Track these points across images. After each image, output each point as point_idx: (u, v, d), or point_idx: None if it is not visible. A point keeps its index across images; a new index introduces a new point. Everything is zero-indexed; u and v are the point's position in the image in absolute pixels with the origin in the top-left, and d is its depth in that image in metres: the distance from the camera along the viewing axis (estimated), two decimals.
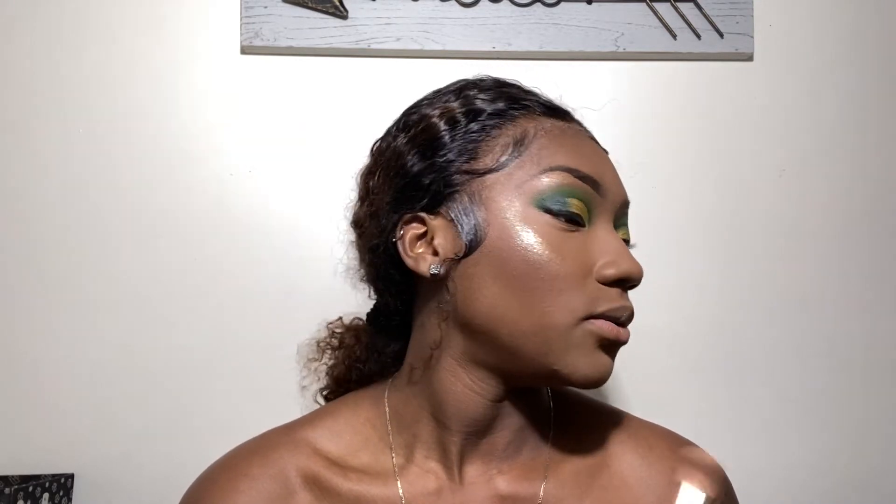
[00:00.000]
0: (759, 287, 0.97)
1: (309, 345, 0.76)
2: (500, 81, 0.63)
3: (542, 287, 0.55)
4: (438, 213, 0.58)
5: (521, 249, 0.55)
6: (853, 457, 0.96)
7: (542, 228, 0.56)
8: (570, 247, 0.56)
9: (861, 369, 0.97)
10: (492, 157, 0.58)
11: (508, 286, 0.55)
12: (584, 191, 0.57)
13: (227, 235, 0.94)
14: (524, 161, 0.57)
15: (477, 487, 0.60)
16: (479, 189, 0.57)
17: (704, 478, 0.62)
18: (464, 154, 0.58)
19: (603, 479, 0.61)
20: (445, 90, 0.63)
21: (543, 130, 0.59)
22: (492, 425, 0.60)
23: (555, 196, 0.56)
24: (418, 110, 0.63)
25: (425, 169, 0.59)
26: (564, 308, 0.55)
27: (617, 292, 0.57)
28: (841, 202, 0.99)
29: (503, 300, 0.56)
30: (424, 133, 0.60)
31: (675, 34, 0.97)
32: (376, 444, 0.62)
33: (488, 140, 0.58)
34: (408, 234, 0.59)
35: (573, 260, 0.55)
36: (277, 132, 0.96)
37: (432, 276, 0.58)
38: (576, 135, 0.60)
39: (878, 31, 1.01)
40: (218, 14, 0.96)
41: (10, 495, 0.78)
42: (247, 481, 0.59)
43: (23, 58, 0.94)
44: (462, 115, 0.59)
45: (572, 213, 0.56)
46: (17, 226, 0.93)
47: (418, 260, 0.59)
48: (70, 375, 0.91)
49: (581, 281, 0.55)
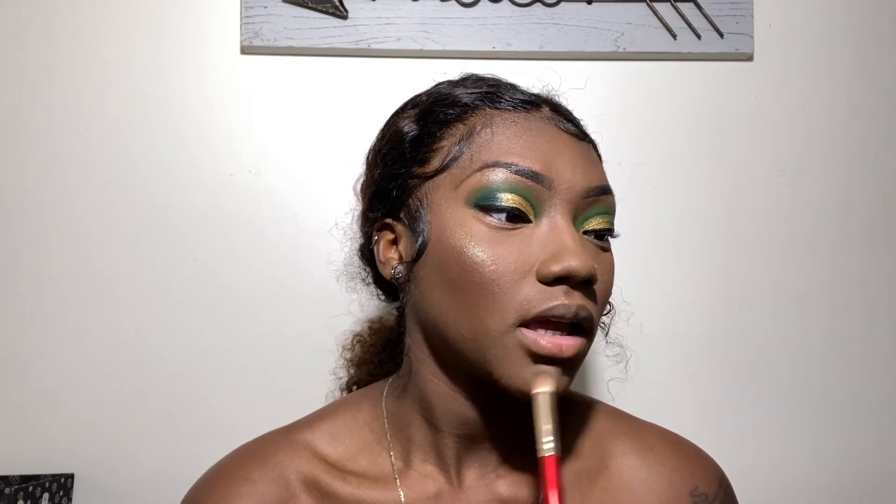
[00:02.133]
0: (759, 286, 0.97)
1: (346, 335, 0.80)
2: (476, 78, 0.62)
3: (475, 290, 0.53)
4: (399, 219, 0.59)
5: (455, 251, 0.54)
6: (852, 457, 0.96)
7: (473, 228, 0.53)
8: (506, 246, 0.53)
9: (860, 369, 0.97)
10: (439, 158, 0.57)
11: (448, 289, 0.54)
12: (523, 185, 0.53)
13: (228, 235, 0.94)
14: (464, 160, 0.55)
15: (476, 491, 0.59)
16: (427, 192, 0.57)
17: (704, 478, 0.62)
18: (416, 159, 0.58)
19: (603, 480, 0.61)
20: (419, 95, 0.63)
21: (490, 126, 0.56)
22: (486, 429, 0.59)
23: (487, 193, 0.53)
24: (393, 118, 0.64)
25: (387, 176, 0.60)
26: (497, 313, 0.52)
27: (561, 290, 0.52)
28: (841, 201, 0.99)
29: (446, 304, 0.55)
30: (390, 141, 0.61)
31: (675, 34, 0.96)
32: (374, 448, 0.62)
33: (438, 142, 0.57)
34: (382, 240, 0.61)
35: (509, 260, 0.53)
36: (277, 132, 0.96)
37: (394, 281, 0.59)
38: (528, 126, 0.56)
39: (877, 31, 1.00)
40: (218, 14, 0.96)
41: (10, 495, 0.78)
42: (247, 485, 0.59)
43: (22, 58, 0.94)
44: (420, 119, 0.59)
45: (507, 207, 0.53)
46: (17, 226, 0.93)
47: (385, 265, 0.60)
48: (70, 375, 0.91)
49: (516, 282, 0.52)
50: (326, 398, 0.87)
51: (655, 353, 0.95)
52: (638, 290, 0.94)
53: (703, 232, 0.97)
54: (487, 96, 0.58)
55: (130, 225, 0.93)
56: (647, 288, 0.96)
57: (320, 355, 0.90)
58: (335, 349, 0.88)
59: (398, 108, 0.65)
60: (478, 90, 0.59)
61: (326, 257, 0.88)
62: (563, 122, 0.59)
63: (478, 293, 0.53)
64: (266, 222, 0.94)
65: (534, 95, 0.61)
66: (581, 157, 0.57)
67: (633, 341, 0.94)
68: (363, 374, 0.77)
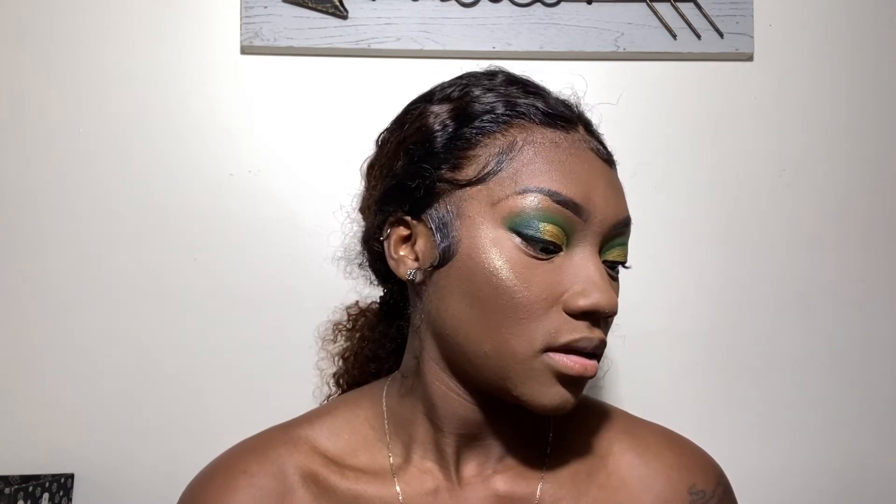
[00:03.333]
0: (759, 286, 0.97)
1: (326, 327, 0.76)
2: (507, 79, 0.60)
3: (503, 313, 0.53)
4: (421, 220, 0.57)
5: (487, 272, 0.53)
6: (851, 457, 0.96)
7: (509, 253, 0.53)
8: (538, 274, 0.53)
9: (859, 369, 0.97)
10: (474, 167, 0.55)
11: (473, 305, 0.54)
12: (562, 216, 0.53)
13: (227, 235, 0.94)
14: (504, 177, 0.54)
15: (474, 487, 0.60)
16: (459, 201, 0.55)
17: (702, 474, 0.62)
18: (448, 161, 0.56)
19: (601, 477, 0.61)
20: (449, 85, 0.61)
21: (533, 143, 0.55)
22: (487, 427, 0.60)
23: (528, 220, 0.53)
24: (419, 106, 0.61)
25: (412, 172, 0.57)
26: (524, 338, 0.53)
27: (585, 324, 0.54)
28: (841, 201, 0.99)
29: (468, 318, 0.54)
30: (416, 134, 0.59)
31: (675, 34, 0.97)
32: (374, 444, 0.62)
33: (474, 149, 0.56)
34: (394, 235, 0.59)
35: (540, 288, 0.53)
36: (277, 132, 0.96)
37: (409, 282, 0.58)
38: (569, 149, 0.56)
39: (877, 31, 1.00)
40: (218, 14, 0.96)
41: (10, 495, 0.78)
42: (245, 479, 0.59)
43: (22, 58, 0.95)
44: (454, 118, 0.57)
45: (545, 240, 0.53)
46: (18, 226, 0.93)
47: (399, 263, 0.58)
48: (70, 375, 0.91)
49: (545, 311, 0.53)
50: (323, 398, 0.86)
51: (655, 353, 0.95)
52: (638, 289, 0.94)
53: (703, 231, 0.97)
54: (528, 108, 0.57)
55: (130, 225, 0.93)
56: (647, 287, 0.96)
57: (321, 355, 0.89)
58: None
59: (423, 97, 0.62)
60: (516, 98, 0.58)
61: (328, 257, 0.88)
62: (596, 143, 0.59)
63: (505, 316, 0.53)
64: (266, 222, 0.94)
65: (569, 109, 0.60)
66: (612, 187, 0.57)
67: (633, 340, 0.94)
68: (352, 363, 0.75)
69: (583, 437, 0.63)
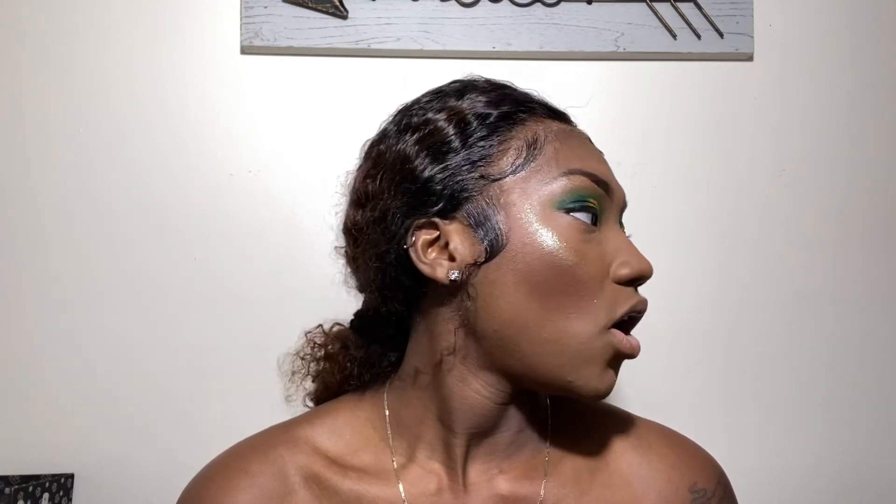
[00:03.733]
0: (759, 286, 0.97)
1: (290, 356, 0.71)
2: (496, 84, 0.62)
3: (565, 293, 0.54)
4: (454, 219, 0.57)
5: (546, 253, 0.54)
6: (851, 456, 0.96)
7: (564, 231, 0.55)
8: (590, 249, 0.55)
9: (859, 368, 0.97)
10: (506, 160, 0.57)
11: (532, 291, 0.54)
12: (598, 194, 0.57)
13: (227, 235, 0.94)
14: (541, 164, 0.56)
15: (478, 488, 0.59)
16: (497, 193, 0.56)
17: (703, 473, 0.62)
18: (477, 158, 0.57)
19: (603, 477, 0.61)
20: (446, 91, 0.62)
21: (553, 133, 0.58)
22: (495, 426, 0.60)
23: (578, 197, 0.56)
24: (420, 112, 0.61)
25: (438, 174, 0.57)
26: (587, 315, 0.55)
27: (632, 291, 0.57)
28: (841, 201, 0.99)
29: (525, 306, 0.54)
30: (433, 136, 0.58)
31: (675, 34, 0.97)
32: (377, 445, 0.62)
33: (501, 144, 0.57)
34: (419, 239, 0.57)
35: (594, 262, 0.55)
36: (277, 132, 0.96)
37: (451, 283, 0.56)
38: (579, 138, 0.60)
39: (877, 31, 1.01)
40: (218, 14, 0.96)
41: (10, 495, 0.78)
42: (246, 479, 0.59)
43: (22, 58, 0.95)
44: (472, 117, 0.58)
45: (594, 209, 0.56)
46: (17, 226, 0.93)
47: (434, 266, 0.57)
48: (70, 375, 0.91)
49: (600, 285, 0.55)
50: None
51: (655, 353, 0.95)
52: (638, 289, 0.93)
53: (703, 231, 0.98)
54: (533, 104, 0.60)
55: (130, 225, 0.93)
56: (647, 287, 0.95)
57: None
58: None
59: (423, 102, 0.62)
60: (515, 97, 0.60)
61: (327, 258, 0.88)
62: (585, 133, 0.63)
63: (567, 296, 0.54)
64: (266, 222, 0.94)
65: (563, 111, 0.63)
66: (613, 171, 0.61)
67: None
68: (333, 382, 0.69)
69: (586, 436, 0.63)
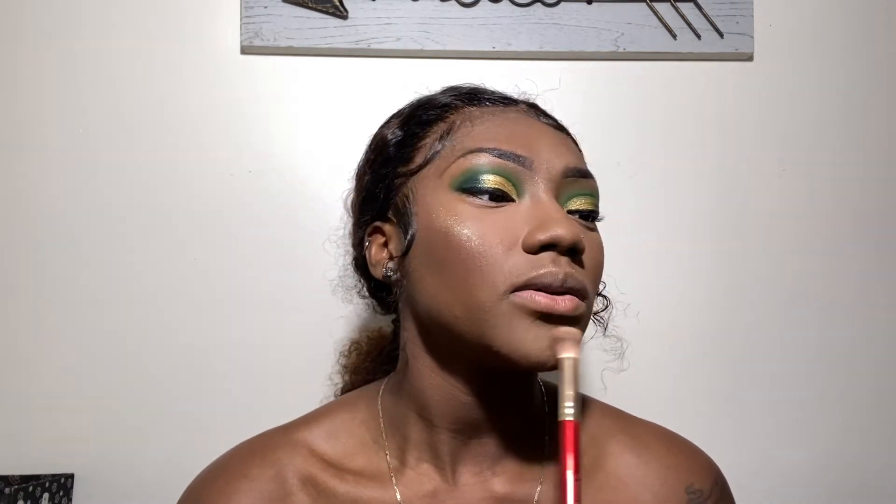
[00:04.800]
0: (760, 286, 0.97)
1: (344, 343, 0.82)
2: (453, 88, 0.64)
3: (464, 266, 0.54)
4: (388, 220, 0.61)
5: (442, 233, 0.55)
6: (853, 457, 0.96)
7: (459, 208, 0.55)
8: (491, 222, 0.54)
9: (862, 368, 0.97)
10: (421, 154, 0.59)
11: (438, 272, 0.55)
12: (505, 168, 0.56)
13: (227, 235, 0.94)
14: (446, 151, 0.58)
15: (472, 489, 0.60)
16: (413, 186, 0.59)
17: (699, 474, 0.63)
18: (401, 158, 0.61)
19: (599, 478, 0.61)
20: (402, 108, 0.66)
21: (469, 119, 0.59)
22: (482, 426, 0.60)
23: (471, 175, 0.56)
24: (378, 130, 0.66)
25: (375, 180, 0.62)
26: (486, 284, 0.53)
27: (549, 257, 0.53)
28: (842, 201, 0.99)
29: (437, 288, 0.56)
30: (375, 149, 0.64)
31: (675, 34, 0.97)
32: (371, 447, 0.62)
33: (421, 140, 0.60)
34: (373, 244, 0.62)
35: (493, 232, 0.54)
36: (277, 132, 0.96)
37: (385, 279, 0.60)
38: (506, 117, 0.59)
39: (877, 31, 1.00)
40: (218, 14, 0.96)
41: (10, 495, 0.78)
42: (245, 482, 0.60)
43: (21, 58, 0.94)
44: (403, 124, 0.62)
45: (489, 189, 0.55)
46: (17, 226, 0.93)
47: (377, 266, 0.61)
48: (70, 375, 0.91)
49: (504, 254, 0.54)
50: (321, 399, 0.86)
51: (655, 353, 0.95)
52: (638, 288, 0.94)
53: (703, 231, 0.97)
54: (466, 96, 0.62)
55: (130, 225, 0.93)
56: (647, 286, 0.96)
57: (320, 355, 0.90)
58: (333, 350, 0.88)
59: (383, 122, 0.67)
60: (456, 93, 0.63)
61: (328, 259, 0.88)
62: (541, 115, 0.62)
63: (466, 269, 0.54)
64: (266, 222, 0.94)
65: (509, 97, 0.64)
66: (560, 142, 0.59)
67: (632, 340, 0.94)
68: (358, 380, 0.77)
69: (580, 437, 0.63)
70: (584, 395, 0.68)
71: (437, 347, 0.59)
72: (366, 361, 0.79)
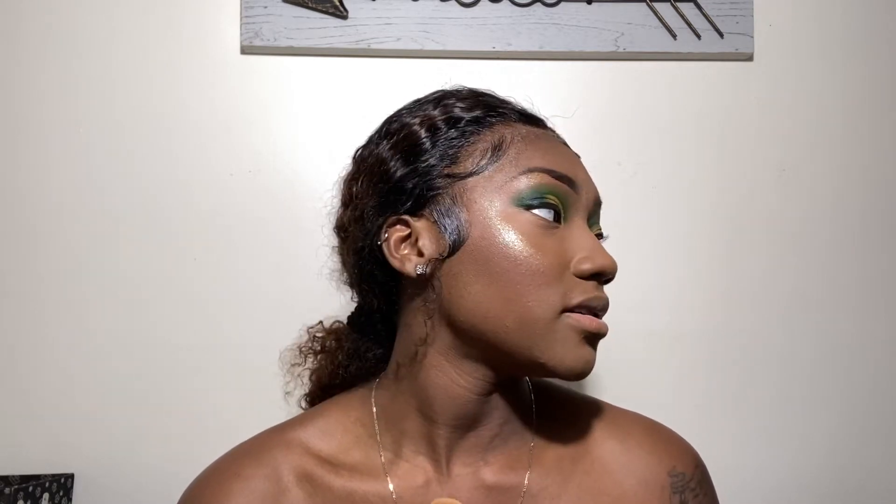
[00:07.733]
0: (760, 287, 0.97)
1: (291, 350, 0.77)
2: (475, 91, 0.66)
3: (522, 282, 0.57)
4: (422, 216, 0.61)
5: (503, 246, 0.57)
6: (854, 458, 0.96)
7: (522, 226, 0.58)
8: (548, 243, 0.58)
9: (861, 370, 0.97)
10: (472, 161, 0.60)
11: (491, 283, 0.57)
12: (560, 189, 0.59)
13: (227, 235, 0.94)
14: (503, 164, 0.60)
15: (463, 479, 0.61)
16: (461, 192, 0.59)
17: (681, 458, 0.65)
18: (445, 159, 0.61)
19: (585, 464, 0.63)
20: (424, 100, 0.66)
21: (519, 135, 0.61)
22: (479, 419, 0.62)
23: (534, 194, 0.58)
24: (399, 119, 0.65)
25: (408, 173, 0.61)
26: (544, 302, 0.57)
27: (592, 285, 0.59)
28: (841, 201, 0.99)
29: (486, 296, 0.57)
30: (406, 140, 0.63)
31: (675, 34, 0.97)
32: (366, 442, 0.64)
33: (467, 146, 0.61)
34: (392, 236, 0.61)
35: (552, 255, 0.58)
36: (277, 132, 0.96)
37: (418, 276, 0.60)
38: (549, 139, 0.63)
39: (878, 31, 1.00)
40: (218, 14, 0.96)
41: (10, 495, 0.78)
42: (239, 482, 0.61)
43: (21, 57, 0.95)
44: (442, 122, 0.62)
45: (553, 205, 0.59)
46: (17, 226, 0.93)
47: (404, 261, 0.61)
48: (70, 375, 0.91)
49: (559, 276, 0.57)
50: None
51: (655, 353, 0.95)
52: (637, 288, 0.94)
53: (703, 231, 0.97)
54: (506, 109, 0.63)
55: (130, 224, 0.93)
56: (647, 286, 0.96)
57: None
58: None
59: (406, 110, 0.66)
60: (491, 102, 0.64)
61: (328, 258, 0.88)
62: (560, 137, 0.66)
63: (524, 285, 0.57)
64: (266, 222, 0.94)
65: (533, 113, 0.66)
66: (586, 171, 0.64)
67: (633, 341, 0.94)
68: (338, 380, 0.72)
69: (567, 427, 0.65)
70: (569, 389, 0.70)
71: (463, 348, 0.60)
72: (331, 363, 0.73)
